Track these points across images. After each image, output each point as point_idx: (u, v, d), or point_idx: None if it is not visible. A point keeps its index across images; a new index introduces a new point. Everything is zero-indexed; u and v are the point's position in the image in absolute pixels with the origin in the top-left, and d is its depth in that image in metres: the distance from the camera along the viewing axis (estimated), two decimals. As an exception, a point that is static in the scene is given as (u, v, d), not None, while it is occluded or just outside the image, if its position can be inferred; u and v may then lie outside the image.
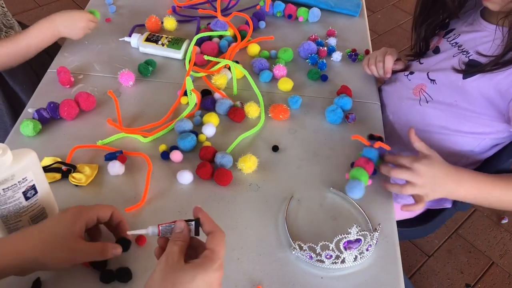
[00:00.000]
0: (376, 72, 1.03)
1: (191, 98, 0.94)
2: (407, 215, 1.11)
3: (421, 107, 0.96)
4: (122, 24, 1.15)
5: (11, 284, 0.64)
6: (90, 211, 0.63)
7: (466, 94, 0.88)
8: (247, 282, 0.68)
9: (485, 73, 0.84)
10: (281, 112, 0.92)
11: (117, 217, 0.66)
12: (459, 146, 0.95)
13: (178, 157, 0.83)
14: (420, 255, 1.62)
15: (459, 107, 0.90)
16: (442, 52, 0.95)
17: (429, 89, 0.94)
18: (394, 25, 2.60)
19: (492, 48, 0.85)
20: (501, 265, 1.61)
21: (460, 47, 0.91)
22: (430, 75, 0.94)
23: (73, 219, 0.61)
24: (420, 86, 0.96)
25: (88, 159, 0.83)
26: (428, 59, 0.98)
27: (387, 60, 1.00)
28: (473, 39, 0.90)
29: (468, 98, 0.88)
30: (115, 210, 0.66)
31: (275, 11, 1.21)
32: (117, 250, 0.64)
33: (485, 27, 0.89)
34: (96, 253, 0.62)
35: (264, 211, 0.77)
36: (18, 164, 0.61)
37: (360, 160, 0.81)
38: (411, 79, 0.99)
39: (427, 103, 0.95)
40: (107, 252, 0.62)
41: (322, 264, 0.69)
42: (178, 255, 0.53)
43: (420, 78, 0.97)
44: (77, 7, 2.47)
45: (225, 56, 1.05)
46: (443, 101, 0.92)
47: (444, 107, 0.92)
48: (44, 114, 0.87)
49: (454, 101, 0.90)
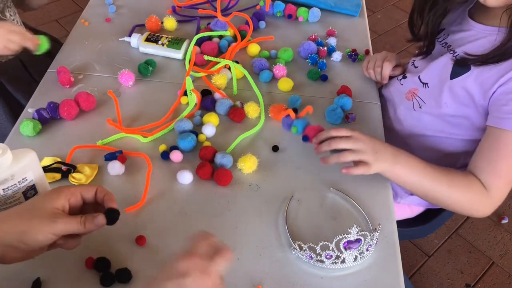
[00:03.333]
0: (373, 77, 1.03)
1: (191, 98, 0.94)
2: (407, 215, 1.11)
3: (416, 112, 0.96)
4: (122, 24, 1.15)
5: (11, 284, 0.64)
6: (72, 187, 0.61)
7: (454, 94, 0.88)
8: (247, 282, 0.68)
9: (471, 73, 0.84)
10: (281, 112, 0.92)
11: (102, 192, 0.63)
12: (455, 148, 0.95)
13: (178, 157, 0.83)
14: (420, 255, 1.62)
15: (450, 109, 0.90)
16: (433, 53, 0.95)
17: (421, 93, 0.94)
18: (394, 25, 2.60)
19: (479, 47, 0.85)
20: (501, 265, 1.61)
21: (449, 47, 0.91)
22: (422, 78, 0.94)
23: (54, 194, 0.59)
24: (413, 90, 0.96)
25: (88, 159, 0.83)
26: (422, 61, 0.97)
27: (384, 67, 1.00)
28: (461, 39, 0.90)
29: (457, 98, 0.88)
30: (99, 187, 0.63)
31: (275, 11, 1.21)
32: (99, 219, 0.60)
33: (472, 26, 0.89)
34: (76, 223, 0.58)
35: (264, 211, 0.77)
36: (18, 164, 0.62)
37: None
38: (404, 83, 0.99)
39: (420, 108, 0.94)
40: (88, 221, 0.59)
41: (322, 264, 0.69)
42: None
43: (413, 82, 0.96)
44: (77, 7, 2.46)
45: (225, 56, 1.05)
46: (434, 104, 0.92)
47: (436, 111, 0.92)
48: (44, 114, 0.87)
49: (444, 103, 0.90)
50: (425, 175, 0.79)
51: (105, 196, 0.63)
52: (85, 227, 0.59)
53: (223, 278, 0.55)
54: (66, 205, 0.59)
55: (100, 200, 0.63)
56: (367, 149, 0.77)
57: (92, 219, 0.59)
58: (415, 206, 1.09)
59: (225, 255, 0.55)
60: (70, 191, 0.60)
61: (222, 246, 0.57)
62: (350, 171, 0.77)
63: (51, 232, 0.57)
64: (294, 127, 0.84)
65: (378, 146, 0.79)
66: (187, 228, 0.74)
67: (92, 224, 0.59)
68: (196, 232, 0.57)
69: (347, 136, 0.78)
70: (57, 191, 0.60)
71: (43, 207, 0.57)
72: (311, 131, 0.82)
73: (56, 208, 0.58)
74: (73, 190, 0.61)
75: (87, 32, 1.12)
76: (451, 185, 0.79)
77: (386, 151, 0.79)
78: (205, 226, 0.74)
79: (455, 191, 0.80)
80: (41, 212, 0.57)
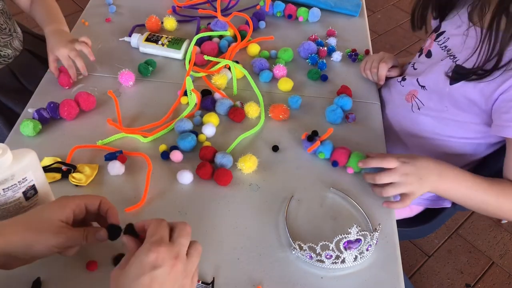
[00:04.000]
0: (370, 77, 1.03)
1: (191, 98, 0.94)
2: (407, 215, 1.11)
3: (414, 114, 0.96)
4: (122, 24, 1.15)
5: (11, 284, 0.64)
6: (77, 199, 0.62)
7: (454, 100, 0.87)
8: (247, 282, 0.68)
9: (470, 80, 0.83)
10: (281, 112, 0.92)
11: (106, 205, 0.64)
12: (453, 150, 0.95)
13: (178, 157, 0.83)
14: (420, 255, 1.62)
15: (450, 113, 0.90)
16: (433, 56, 0.94)
17: (420, 95, 0.94)
18: (394, 25, 2.60)
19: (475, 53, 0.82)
20: (501, 265, 1.61)
21: (449, 51, 0.89)
22: (420, 80, 0.94)
23: (59, 205, 0.60)
24: (412, 92, 0.96)
25: (88, 159, 0.83)
26: (421, 64, 0.97)
27: (381, 68, 1.00)
28: (461, 44, 0.87)
29: (457, 104, 0.87)
30: (103, 199, 0.64)
31: (275, 11, 1.21)
32: (100, 234, 0.61)
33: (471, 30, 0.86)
34: (79, 237, 0.60)
35: (264, 211, 0.77)
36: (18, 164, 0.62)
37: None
38: (404, 85, 0.98)
39: (419, 109, 0.94)
40: (90, 236, 0.61)
41: (322, 264, 0.69)
42: (123, 263, 0.54)
43: (412, 84, 0.96)
44: (77, 7, 2.46)
45: (225, 56, 1.05)
46: (434, 107, 0.92)
47: (435, 113, 0.92)
48: (44, 114, 0.87)
49: (445, 107, 0.90)
50: (472, 187, 0.79)
51: (108, 210, 0.64)
52: (87, 241, 0.61)
53: (198, 254, 0.57)
54: (71, 217, 0.61)
55: (103, 212, 0.64)
56: (412, 180, 0.77)
57: (94, 234, 0.61)
58: (414, 206, 1.09)
59: (183, 232, 0.56)
60: (75, 203, 0.61)
61: (177, 225, 0.57)
62: (391, 207, 0.78)
63: (55, 246, 0.58)
64: (321, 153, 0.84)
65: (423, 171, 0.78)
66: (187, 228, 0.74)
67: (94, 239, 0.61)
68: (147, 223, 0.57)
69: (392, 168, 0.77)
70: (63, 203, 0.61)
71: (50, 219, 0.58)
72: (340, 156, 0.83)
73: (62, 220, 0.59)
74: (78, 201, 0.62)
75: (87, 32, 1.12)
76: (500, 195, 0.79)
77: (431, 173, 0.78)
78: (205, 226, 0.74)
79: (505, 201, 0.80)
80: (48, 225, 0.58)
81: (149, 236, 0.55)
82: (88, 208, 0.63)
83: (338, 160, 0.83)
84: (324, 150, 0.84)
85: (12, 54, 1.11)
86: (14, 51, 1.12)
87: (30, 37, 1.21)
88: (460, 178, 0.79)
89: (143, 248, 0.53)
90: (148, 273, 0.51)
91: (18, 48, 1.14)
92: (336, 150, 0.84)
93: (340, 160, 0.83)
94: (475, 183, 0.79)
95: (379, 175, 0.78)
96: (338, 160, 0.83)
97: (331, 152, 0.84)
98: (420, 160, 0.79)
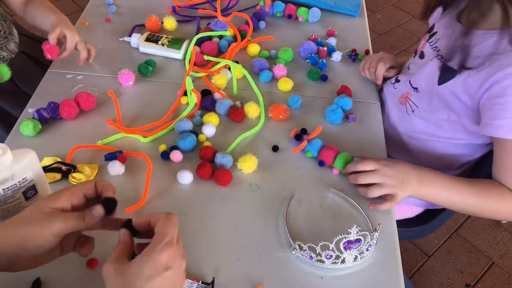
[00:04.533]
0: (369, 77, 1.03)
1: (191, 98, 0.94)
2: (407, 215, 1.11)
3: (409, 116, 0.96)
4: (122, 24, 1.15)
5: (11, 284, 0.64)
6: (72, 188, 0.59)
7: (444, 100, 0.87)
8: (247, 282, 0.68)
9: (457, 79, 0.83)
10: (281, 112, 0.92)
11: (100, 184, 0.62)
12: (448, 151, 0.95)
13: (178, 157, 0.83)
14: (420, 255, 1.62)
15: (442, 114, 0.90)
16: (426, 57, 0.94)
17: (413, 97, 0.94)
18: (394, 25, 2.60)
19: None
20: (501, 265, 1.61)
21: (438, 51, 0.90)
22: (412, 82, 0.94)
23: (53, 196, 0.58)
24: (406, 94, 0.96)
25: (88, 159, 0.83)
26: (415, 65, 0.97)
27: (378, 67, 1.00)
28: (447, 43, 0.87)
29: (448, 104, 0.87)
30: (97, 181, 0.62)
31: (275, 11, 1.21)
32: (97, 210, 0.58)
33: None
34: (74, 219, 0.57)
35: (264, 211, 0.77)
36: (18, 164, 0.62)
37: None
38: (397, 87, 0.99)
39: (413, 112, 0.95)
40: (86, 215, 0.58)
41: (322, 264, 0.69)
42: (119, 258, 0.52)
43: (405, 86, 0.96)
44: (77, 7, 2.47)
45: (225, 56, 1.05)
46: (426, 109, 0.92)
47: (428, 115, 0.92)
48: (44, 114, 0.87)
49: (436, 107, 0.90)
50: (452, 190, 0.81)
51: (103, 187, 0.61)
52: (84, 221, 0.57)
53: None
54: (67, 206, 0.58)
55: (99, 190, 0.61)
56: (394, 182, 0.78)
57: (91, 213, 0.58)
58: (414, 206, 1.09)
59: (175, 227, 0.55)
60: (70, 192, 0.59)
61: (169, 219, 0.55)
62: (378, 208, 0.78)
63: (50, 234, 0.55)
64: (308, 152, 0.85)
65: (403, 175, 0.80)
66: (187, 228, 0.74)
67: (91, 216, 0.58)
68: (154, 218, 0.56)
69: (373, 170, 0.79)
70: (56, 193, 0.58)
71: (40, 209, 0.56)
72: (327, 157, 0.83)
73: (54, 208, 0.56)
74: (73, 190, 0.59)
75: (87, 32, 1.12)
76: (481, 196, 0.80)
77: (411, 177, 0.80)
78: (205, 226, 0.75)
79: (486, 202, 0.81)
80: (39, 215, 0.55)
81: (159, 234, 0.53)
82: (86, 194, 0.60)
83: (324, 160, 0.83)
84: (311, 149, 0.84)
85: (7, 57, 1.11)
86: (9, 53, 1.12)
87: (26, 39, 1.20)
88: (440, 181, 0.81)
89: (156, 248, 0.52)
90: (161, 274, 0.50)
91: (14, 50, 1.13)
92: (324, 150, 0.84)
93: (326, 160, 0.83)
94: (455, 186, 0.81)
95: (361, 175, 0.80)
96: (324, 160, 0.83)
97: (318, 151, 0.84)
98: (401, 165, 0.81)
